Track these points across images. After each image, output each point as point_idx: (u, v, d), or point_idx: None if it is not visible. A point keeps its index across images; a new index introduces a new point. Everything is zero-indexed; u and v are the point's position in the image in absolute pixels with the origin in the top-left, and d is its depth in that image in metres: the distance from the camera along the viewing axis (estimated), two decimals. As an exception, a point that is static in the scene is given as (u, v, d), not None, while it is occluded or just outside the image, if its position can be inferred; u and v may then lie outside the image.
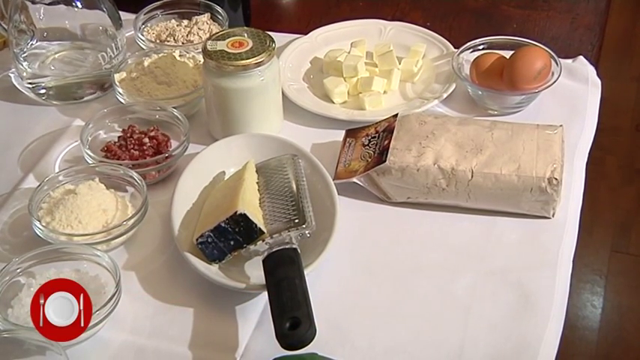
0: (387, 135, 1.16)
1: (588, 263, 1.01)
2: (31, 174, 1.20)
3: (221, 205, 1.07)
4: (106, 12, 1.29)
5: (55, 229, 1.07)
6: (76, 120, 1.28)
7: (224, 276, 1.04)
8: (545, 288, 1.04)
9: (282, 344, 0.93)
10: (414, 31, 1.38)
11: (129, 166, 1.15)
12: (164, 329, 1.01)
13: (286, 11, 1.47)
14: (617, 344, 2.04)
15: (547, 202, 1.10)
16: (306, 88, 1.32)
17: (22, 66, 1.30)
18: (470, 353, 0.97)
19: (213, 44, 1.18)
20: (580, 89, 1.30)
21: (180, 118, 1.21)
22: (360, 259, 1.09)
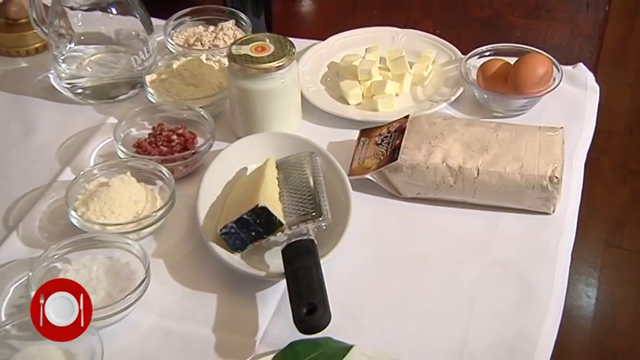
0: (399, 135, 1.16)
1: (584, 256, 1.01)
2: (68, 167, 1.20)
3: (243, 198, 1.07)
4: (138, 18, 1.29)
5: (90, 219, 1.08)
6: (109, 118, 1.28)
7: (245, 264, 1.04)
8: (545, 279, 1.04)
9: (300, 329, 0.93)
10: (425, 39, 1.38)
11: (158, 161, 1.14)
12: (190, 313, 1.01)
13: (305, 19, 1.47)
14: (610, 333, 2.03)
15: (548, 198, 1.10)
16: (323, 90, 1.31)
17: (61, 67, 1.30)
18: (474, 340, 0.97)
19: (237, 49, 1.18)
20: (579, 94, 1.30)
21: (206, 117, 1.21)
22: (372, 251, 1.08)
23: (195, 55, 1.32)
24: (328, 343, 0.94)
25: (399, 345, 0.96)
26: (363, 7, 1.46)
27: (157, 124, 1.22)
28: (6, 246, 1.10)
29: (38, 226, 1.12)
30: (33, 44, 1.40)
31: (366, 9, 1.44)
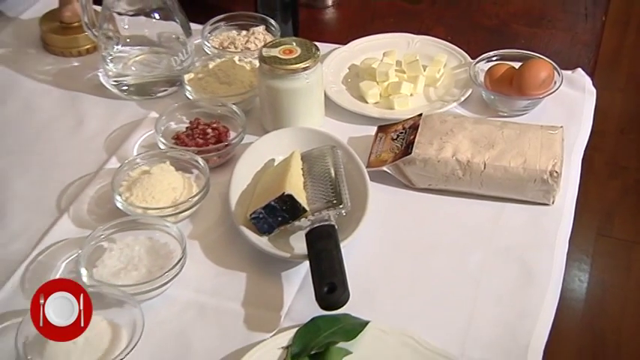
0: (413, 131, 1.15)
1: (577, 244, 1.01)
2: (113, 157, 1.20)
3: (271, 187, 1.07)
4: (178, 23, 1.29)
5: (133, 203, 1.07)
6: (151, 112, 1.27)
7: (272, 246, 1.04)
8: (545, 265, 1.03)
9: (321, 305, 0.93)
10: (437, 44, 1.36)
11: (194, 152, 1.14)
12: (222, 289, 1.01)
13: (329, 25, 1.46)
14: (599, 314, 2.03)
15: (548, 191, 1.09)
16: (345, 90, 1.30)
17: (109, 67, 1.30)
18: (479, 319, 0.96)
19: (267, 51, 1.17)
20: (578, 96, 1.28)
21: (238, 112, 1.20)
22: (387, 236, 1.07)
23: (228, 56, 1.31)
24: (347, 319, 0.94)
25: (411, 322, 0.95)
26: (381, 15, 1.45)
27: (193, 119, 1.21)
28: (58, 226, 1.10)
29: (87, 209, 1.12)
30: (84, 46, 1.39)
31: (384, 17, 1.43)
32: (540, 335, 0.95)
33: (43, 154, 1.22)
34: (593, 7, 1.49)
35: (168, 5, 1.28)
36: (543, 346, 0.94)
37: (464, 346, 0.93)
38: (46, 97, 1.32)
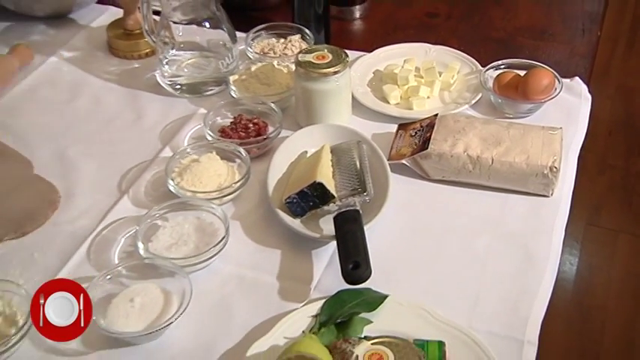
0: (429, 129, 1.13)
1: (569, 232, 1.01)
2: (167, 146, 1.20)
3: (304, 175, 1.06)
4: (225, 31, 1.28)
5: (183, 187, 1.07)
6: (200, 109, 1.27)
7: (304, 227, 1.03)
8: (543, 249, 1.02)
9: (346, 280, 0.92)
10: (452, 53, 1.34)
11: (237, 143, 1.13)
12: (259, 264, 1.01)
13: (356, 35, 1.46)
14: (586, 293, 2.03)
15: (547, 184, 1.08)
16: (369, 92, 1.29)
17: (164, 68, 1.30)
18: (485, 295, 0.96)
19: (303, 57, 1.16)
20: (575, 102, 1.26)
21: (275, 110, 1.20)
22: (405, 221, 1.06)
23: (268, 61, 1.30)
24: (368, 293, 0.93)
25: (424, 296, 0.94)
26: (402, 27, 1.44)
27: (237, 115, 1.21)
28: (119, 206, 1.10)
29: (144, 192, 1.12)
30: (144, 50, 1.39)
31: (405, 28, 1.43)
32: (538, 310, 0.95)
33: (107, 143, 1.22)
34: (589, 24, 1.47)
35: (217, 15, 1.27)
36: (541, 320, 0.94)
37: (471, 318, 0.93)
38: (111, 94, 1.32)
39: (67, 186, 1.13)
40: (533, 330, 0.92)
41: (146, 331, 0.90)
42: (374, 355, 0.78)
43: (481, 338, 0.89)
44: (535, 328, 0.92)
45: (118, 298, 0.93)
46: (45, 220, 1.07)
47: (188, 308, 0.91)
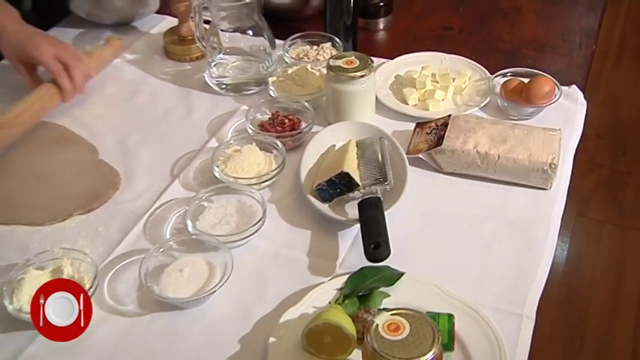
0: (443, 128, 1.12)
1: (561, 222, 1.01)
2: (213, 138, 1.19)
3: (332, 165, 1.05)
4: (266, 38, 1.27)
5: (227, 174, 1.06)
6: (242, 106, 1.25)
7: (331, 211, 1.02)
8: (541, 235, 1.01)
9: (368, 258, 0.92)
10: (464, 62, 1.32)
11: (274, 137, 1.12)
12: (292, 242, 1.00)
13: (380, 43, 1.45)
14: (575, 275, 2.01)
15: (547, 179, 1.06)
16: (391, 94, 1.27)
17: (212, 70, 1.29)
18: (489, 275, 0.95)
19: (333, 62, 1.15)
20: (572, 107, 1.24)
21: (308, 108, 1.18)
22: (420, 208, 1.05)
23: (303, 65, 1.29)
24: (387, 270, 0.93)
25: (437, 274, 0.93)
26: (420, 38, 1.43)
27: (274, 111, 1.20)
28: (171, 188, 1.09)
29: (192, 177, 1.11)
30: (195, 54, 1.38)
31: (423, 39, 1.41)
32: (536, 289, 0.93)
33: (162, 133, 1.21)
34: (585, 39, 1.45)
35: (259, 25, 1.26)
36: (538, 298, 0.92)
37: (477, 294, 0.91)
38: (166, 91, 1.31)
39: (127, 170, 1.13)
40: (532, 306, 0.91)
41: (193, 297, 0.90)
42: (392, 324, 0.76)
43: (486, 312, 0.88)
44: (533, 305, 0.91)
45: (170, 268, 0.93)
46: (108, 199, 1.07)
47: (229, 279, 0.91)
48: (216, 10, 1.23)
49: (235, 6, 1.22)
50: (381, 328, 0.75)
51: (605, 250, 2.11)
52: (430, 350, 0.73)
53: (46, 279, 0.91)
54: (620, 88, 2.75)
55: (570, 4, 1.55)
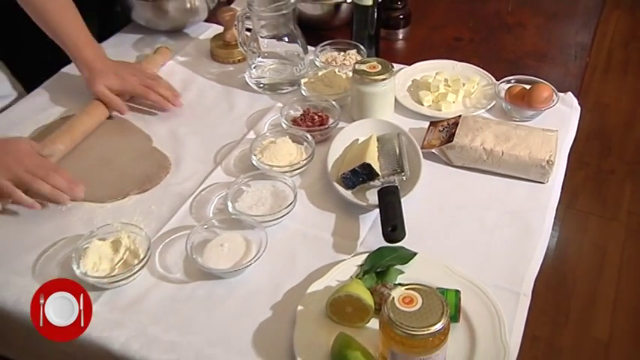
0: (454, 126, 1.09)
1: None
2: (252, 130, 1.17)
3: (355, 157, 1.04)
4: (299, 44, 1.25)
5: (263, 162, 1.05)
6: (277, 103, 1.23)
7: (354, 197, 1.00)
8: (538, 223, 0.99)
9: (385, 239, 0.90)
10: (473, 69, 1.29)
11: (305, 131, 1.11)
12: (319, 223, 0.99)
13: (399, 51, 1.43)
14: (563, 259, 1.99)
15: (544, 173, 1.04)
16: (408, 96, 1.24)
17: (252, 71, 1.28)
18: (492, 256, 0.93)
19: (358, 66, 1.13)
20: (568, 111, 1.20)
21: (335, 106, 1.16)
22: (432, 196, 1.03)
23: (331, 68, 1.27)
24: (402, 250, 0.91)
25: (446, 255, 0.92)
26: (435, 47, 1.40)
27: (306, 108, 1.18)
28: (214, 174, 1.08)
29: (233, 164, 1.10)
30: (237, 57, 1.36)
31: (437, 48, 1.39)
32: (532, 270, 0.92)
33: (207, 125, 1.20)
34: (580, 52, 1.41)
35: (294, 33, 1.24)
36: (534, 278, 0.91)
37: (480, 273, 0.90)
38: (211, 89, 1.30)
39: (177, 157, 1.12)
40: (528, 285, 0.90)
41: (231, 269, 0.89)
42: (406, 297, 0.75)
43: (488, 289, 0.86)
44: (529, 284, 0.90)
45: (212, 243, 0.92)
46: (160, 182, 1.07)
47: (263, 254, 0.90)
48: (257, 19, 1.22)
49: (273, 16, 1.21)
50: (396, 300, 0.75)
51: (590, 238, 2.09)
52: (439, 321, 0.72)
53: (107, 249, 0.91)
54: (607, 97, 2.72)
55: (567, 21, 1.51)
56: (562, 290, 1.89)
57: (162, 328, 0.84)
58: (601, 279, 1.93)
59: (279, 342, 0.82)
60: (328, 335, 0.81)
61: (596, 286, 1.91)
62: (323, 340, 0.81)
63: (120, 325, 0.84)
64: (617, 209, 2.19)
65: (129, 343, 0.82)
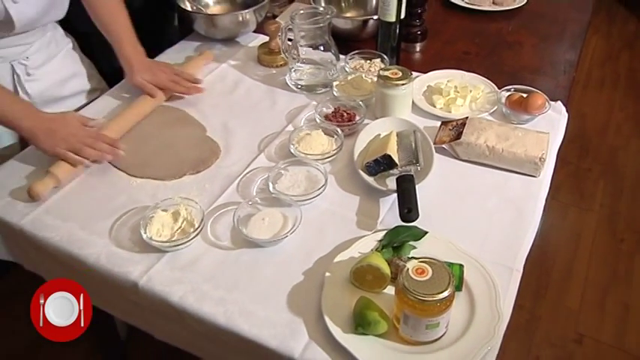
0: (462, 126, 1.06)
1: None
2: (290, 124, 1.14)
3: (377, 149, 1.00)
4: (333, 53, 1.22)
5: (300, 151, 1.03)
6: (312, 101, 1.20)
7: (376, 183, 0.97)
8: (531, 210, 0.95)
9: (402, 219, 0.88)
10: (478, 78, 1.24)
11: (335, 125, 1.08)
12: (345, 204, 0.96)
13: (417, 61, 1.38)
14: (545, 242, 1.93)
15: (537, 169, 1.00)
16: (423, 99, 1.20)
17: (292, 74, 1.25)
18: (490, 237, 0.90)
19: (382, 72, 1.09)
20: (557, 117, 1.16)
21: (362, 105, 1.13)
22: (442, 184, 0.99)
23: (359, 74, 1.23)
24: (415, 229, 0.88)
25: (452, 234, 0.89)
26: (446, 59, 1.35)
27: (336, 107, 1.15)
28: (258, 159, 1.05)
29: (273, 151, 1.07)
30: (280, 62, 1.33)
31: (449, 60, 1.34)
32: (524, 249, 0.89)
33: (253, 119, 1.17)
34: (568, 67, 1.36)
35: (328, 43, 1.21)
36: (525, 256, 0.88)
37: (481, 251, 0.87)
38: (257, 89, 1.27)
39: (226, 144, 1.10)
40: (520, 262, 0.87)
41: (271, 239, 0.87)
42: (419, 269, 0.73)
43: (486, 264, 0.83)
44: (521, 261, 0.87)
45: (255, 217, 0.90)
46: (211, 165, 1.05)
47: (298, 228, 0.88)
48: (298, 30, 1.19)
49: (311, 28, 1.18)
50: (410, 271, 0.73)
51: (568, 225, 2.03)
52: (446, 289, 0.70)
53: (169, 218, 0.90)
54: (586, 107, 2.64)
55: (558, 42, 1.46)
56: (543, 267, 1.85)
57: (213, 285, 0.83)
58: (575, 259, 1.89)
59: (309, 302, 0.80)
60: (351, 298, 0.79)
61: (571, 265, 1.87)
62: (346, 302, 0.79)
63: (178, 281, 0.83)
64: (592, 202, 2.12)
65: (185, 296, 0.81)
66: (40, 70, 1.15)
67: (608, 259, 1.88)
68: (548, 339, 1.65)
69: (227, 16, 1.36)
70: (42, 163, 1.02)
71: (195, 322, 0.81)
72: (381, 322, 0.74)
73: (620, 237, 1.96)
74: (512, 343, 1.61)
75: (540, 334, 1.66)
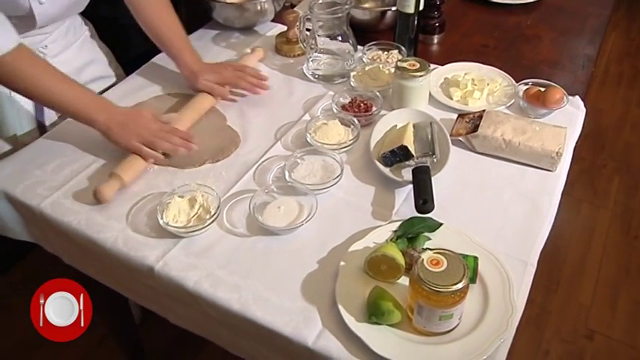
0: (479, 119, 1.04)
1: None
2: (307, 113, 1.13)
3: (394, 140, 0.99)
4: (350, 43, 1.20)
5: (316, 140, 1.01)
6: (329, 91, 1.19)
7: (392, 174, 0.96)
8: (546, 204, 0.93)
9: (417, 210, 0.87)
10: (496, 71, 1.22)
11: (352, 115, 1.06)
12: (360, 194, 0.95)
13: (434, 53, 1.35)
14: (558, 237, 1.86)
15: (554, 163, 0.98)
16: (440, 91, 1.18)
17: (309, 64, 1.23)
18: (505, 230, 0.88)
19: (400, 63, 1.08)
20: (575, 112, 1.13)
21: (379, 96, 1.11)
22: (458, 177, 0.97)
23: (376, 65, 1.21)
24: (430, 220, 0.87)
25: (466, 226, 0.87)
26: (464, 52, 1.33)
27: (353, 97, 1.13)
28: (274, 148, 1.05)
29: (290, 140, 1.06)
30: (297, 52, 1.31)
31: (466, 53, 1.31)
32: (539, 244, 0.88)
33: (270, 107, 1.16)
34: (587, 62, 1.32)
35: (346, 33, 1.19)
36: (540, 250, 0.86)
37: (495, 244, 0.85)
38: (275, 78, 1.25)
39: (245, 133, 1.09)
40: (534, 256, 0.85)
41: (286, 227, 0.86)
42: (433, 260, 0.72)
43: (501, 257, 0.82)
44: (535, 255, 0.86)
45: (271, 205, 0.90)
46: (230, 154, 1.04)
47: (313, 217, 0.87)
48: (316, 20, 1.17)
49: (330, 18, 1.16)
50: (425, 262, 0.72)
51: (581, 221, 2.00)
52: (461, 281, 0.69)
53: (185, 204, 0.89)
54: (602, 103, 2.59)
55: (577, 36, 1.42)
56: (555, 262, 1.83)
57: (228, 272, 0.83)
58: (588, 255, 1.86)
59: (323, 291, 0.80)
60: (365, 287, 0.78)
61: (584, 261, 1.84)
62: (360, 292, 0.78)
63: (193, 267, 0.83)
64: (606, 198, 2.09)
65: (200, 282, 0.81)
66: (58, 58, 1.15)
67: (621, 255, 1.86)
68: (558, 334, 1.63)
69: (246, 4, 1.35)
70: (62, 149, 1.02)
71: (210, 307, 0.80)
72: (395, 312, 0.74)
73: (634, 234, 1.93)
74: (523, 338, 1.60)
75: (551, 329, 1.64)
